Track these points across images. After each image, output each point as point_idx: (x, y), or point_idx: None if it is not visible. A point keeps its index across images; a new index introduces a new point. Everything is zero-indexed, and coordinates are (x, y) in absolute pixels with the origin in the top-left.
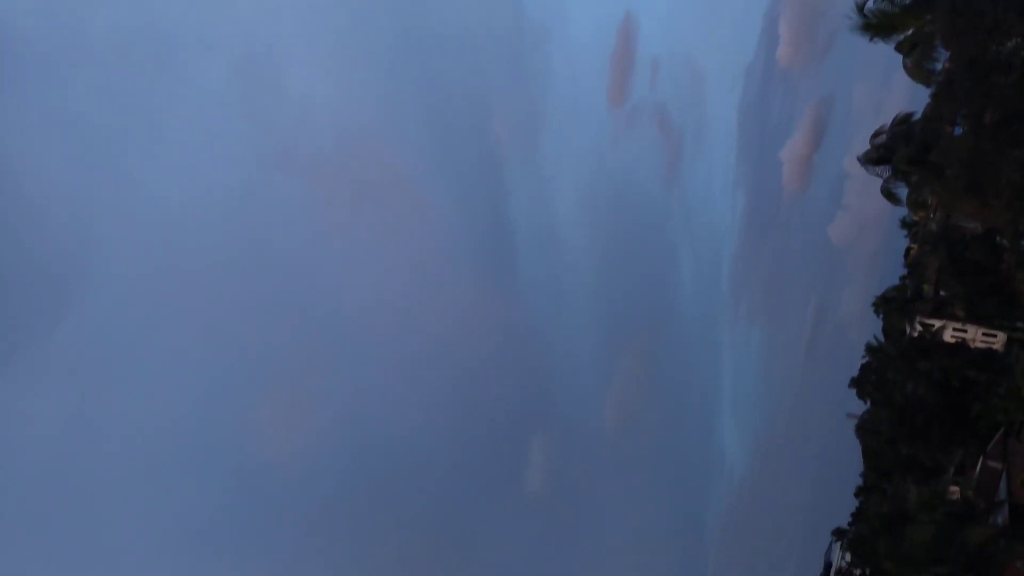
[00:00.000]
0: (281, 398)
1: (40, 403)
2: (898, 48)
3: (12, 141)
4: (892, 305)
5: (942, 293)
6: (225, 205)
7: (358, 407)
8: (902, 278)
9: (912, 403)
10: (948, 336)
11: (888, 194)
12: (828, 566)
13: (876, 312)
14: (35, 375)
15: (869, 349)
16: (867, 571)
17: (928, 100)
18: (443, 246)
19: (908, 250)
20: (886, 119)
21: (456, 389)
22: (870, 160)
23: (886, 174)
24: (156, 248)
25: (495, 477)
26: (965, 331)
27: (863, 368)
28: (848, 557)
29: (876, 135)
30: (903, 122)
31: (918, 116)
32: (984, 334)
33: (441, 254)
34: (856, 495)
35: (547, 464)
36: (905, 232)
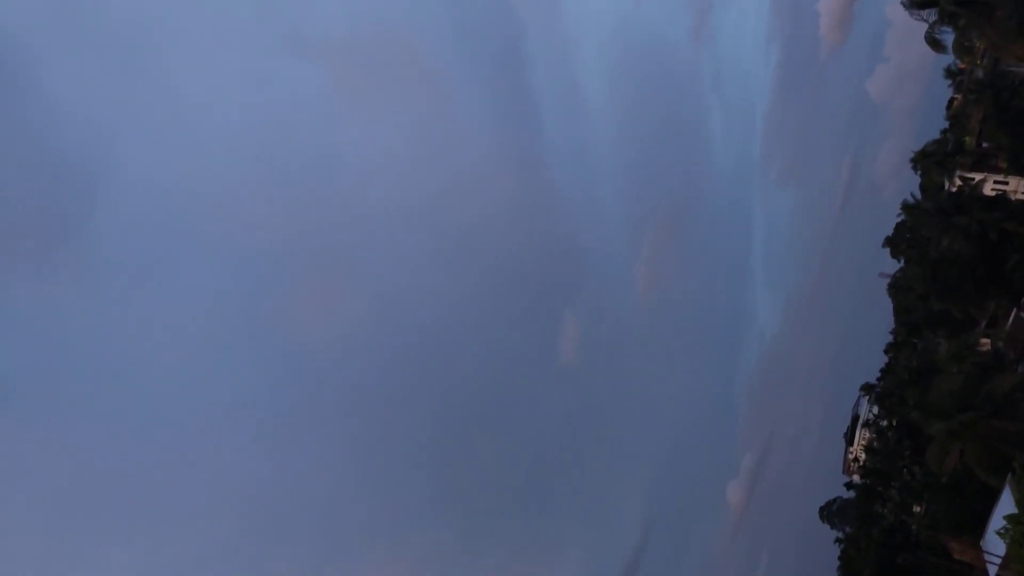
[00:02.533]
0: (314, 284)
1: (80, 298)
2: None
3: (35, 41)
4: (931, 160)
5: (984, 145)
6: (243, 94)
7: (390, 289)
8: (943, 131)
9: (946, 258)
10: (988, 189)
11: (932, 41)
12: (855, 419)
13: (914, 168)
14: (72, 271)
15: (905, 207)
16: (893, 422)
17: None
18: (465, 122)
19: (950, 101)
20: None
21: (487, 266)
22: (915, 4)
23: (932, 19)
24: (179, 142)
25: (529, 350)
26: (1007, 183)
27: (898, 227)
28: (875, 410)
29: None
30: None
31: None
32: None
33: (464, 130)
34: (886, 352)
35: (580, 335)
36: (948, 82)
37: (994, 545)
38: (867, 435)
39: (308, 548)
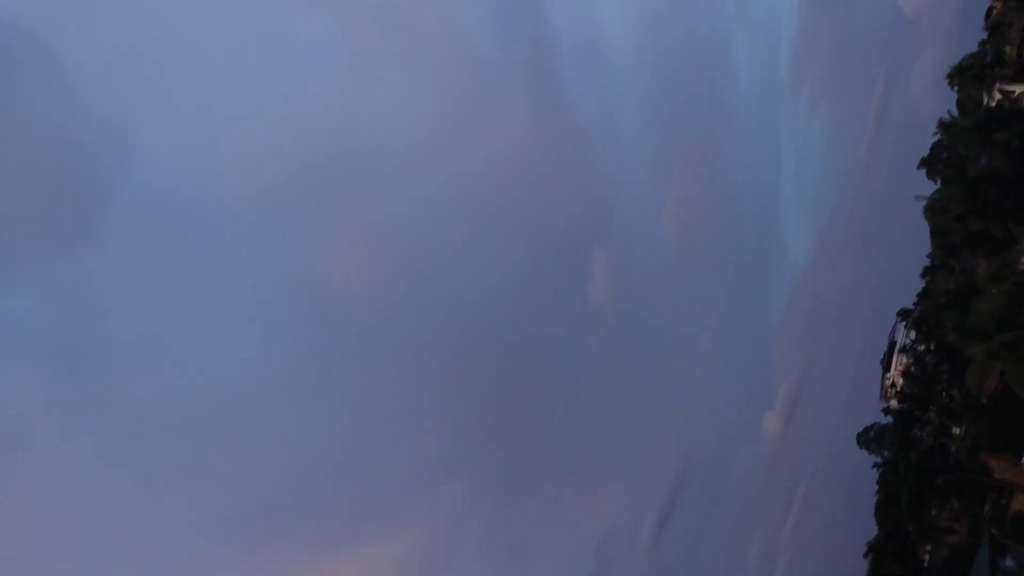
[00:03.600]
0: (343, 239)
1: (114, 268)
2: None
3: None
4: (968, 74)
5: None
6: (267, 52)
7: (417, 241)
8: (981, 43)
9: (985, 176)
10: None
11: None
12: (892, 345)
13: (950, 84)
14: (109, 240)
15: (941, 125)
16: (931, 346)
17: None
18: (483, 68)
19: (989, 11)
20: None
21: (512, 212)
22: None
23: None
24: (199, 104)
25: (558, 295)
26: None
27: (934, 147)
28: (913, 335)
29: None
30: None
31: None
32: None
33: (482, 77)
34: (922, 276)
35: (609, 277)
36: None
37: None
38: (904, 361)
39: (352, 498)
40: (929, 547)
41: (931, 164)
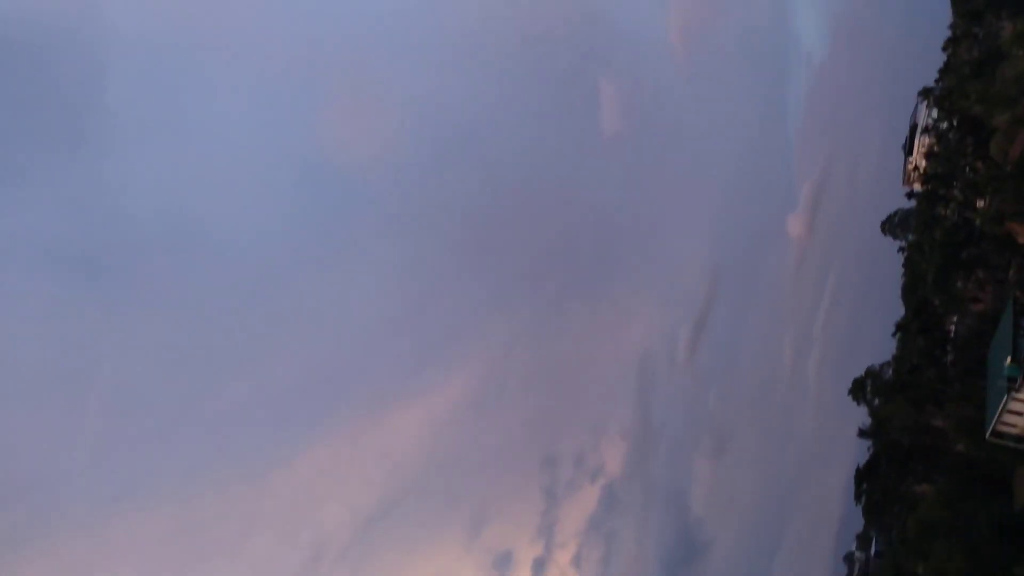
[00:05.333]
0: (344, 99)
1: (125, 167)
2: None
3: None
4: None
5: None
6: None
7: (423, 89)
8: None
9: None
10: None
11: None
12: (914, 128)
13: None
14: (109, 141)
15: None
16: (954, 122)
17: None
18: None
19: None
20: None
21: (514, 48)
22: None
23: None
24: None
25: (570, 131)
26: None
27: None
28: (935, 114)
29: None
30: None
31: None
32: None
33: None
34: (943, 49)
35: (619, 100)
36: None
37: None
38: (927, 141)
39: (402, 354)
40: (955, 318)
41: None
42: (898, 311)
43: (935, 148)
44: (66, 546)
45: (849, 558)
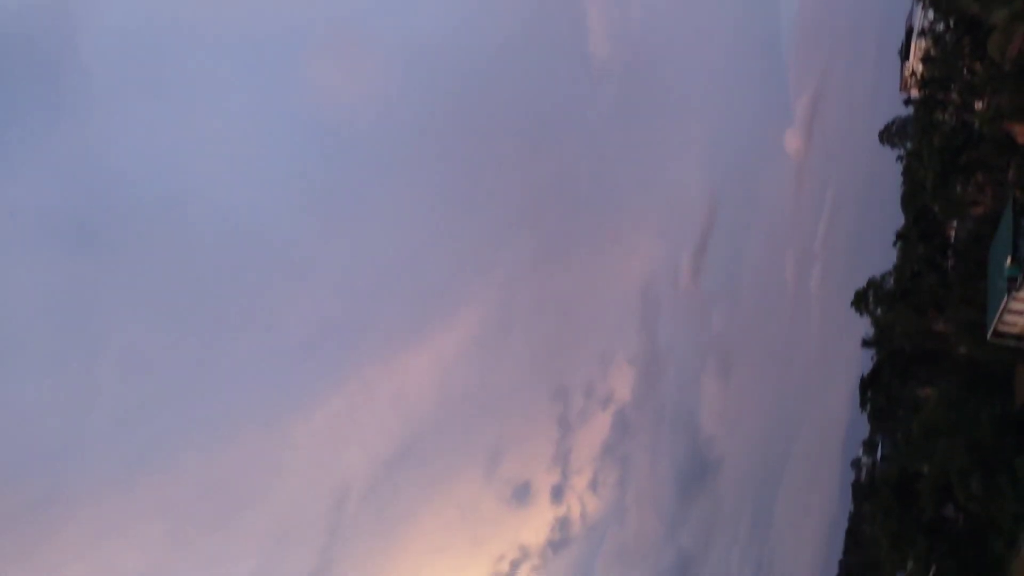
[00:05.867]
0: (329, 44)
1: (111, 130)
2: None
3: None
4: None
5: None
6: None
7: (410, 31)
8: None
9: None
10: None
11: None
12: (910, 31)
13: None
14: (92, 107)
15: None
16: (951, 23)
17: None
18: None
19: None
20: None
21: None
22: None
23: None
24: None
25: (560, 62)
26: None
27: None
28: (931, 15)
29: None
30: None
31: None
32: None
33: None
34: None
35: (607, 26)
36: None
37: None
38: (923, 45)
39: (406, 301)
40: (955, 223)
41: None
42: (898, 220)
43: (932, 51)
44: (94, 510)
45: (856, 464)
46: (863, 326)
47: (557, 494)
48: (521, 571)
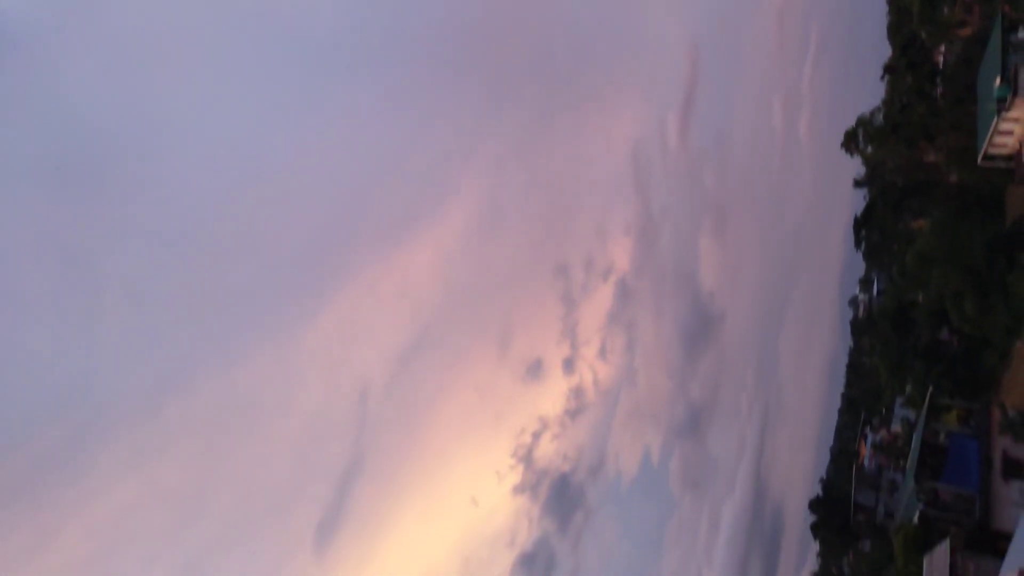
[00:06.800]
0: None
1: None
2: None
3: None
4: None
5: None
6: None
7: None
8: None
9: None
10: None
11: None
12: None
13: None
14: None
15: None
16: None
17: None
18: None
19: None
20: None
21: None
22: None
23: None
24: None
25: None
26: None
27: None
28: None
29: None
30: None
31: None
32: None
33: None
34: None
35: None
36: None
37: None
38: None
39: (399, 193)
40: (943, 48)
41: None
42: (885, 53)
43: None
44: (128, 436)
45: (853, 302)
46: (854, 167)
47: (568, 366)
48: (543, 440)
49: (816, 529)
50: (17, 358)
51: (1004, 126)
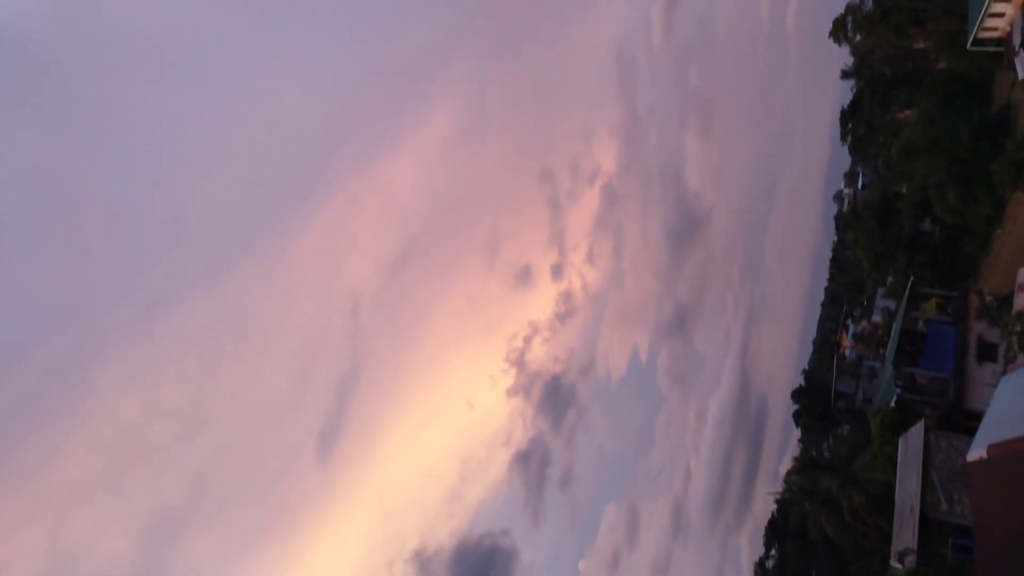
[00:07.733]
0: None
1: None
2: None
3: None
4: None
5: None
6: None
7: None
8: None
9: None
10: None
11: None
12: None
13: None
14: None
15: None
16: None
17: None
18: None
19: None
20: None
21: None
22: None
23: None
24: None
25: None
26: None
27: None
28: None
29: None
30: None
31: None
32: None
33: None
34: None
35: None
36: None
37: None
38: None
39: (377, 106)
40: None
41: None
42: None
43: None
44: (124, 356)
45: (838, 196)
46: (842, 58)
47: (557, 271)
48: (534, 344)
49: (798, 417)
50: (4, 285)
51: (996, 7)
